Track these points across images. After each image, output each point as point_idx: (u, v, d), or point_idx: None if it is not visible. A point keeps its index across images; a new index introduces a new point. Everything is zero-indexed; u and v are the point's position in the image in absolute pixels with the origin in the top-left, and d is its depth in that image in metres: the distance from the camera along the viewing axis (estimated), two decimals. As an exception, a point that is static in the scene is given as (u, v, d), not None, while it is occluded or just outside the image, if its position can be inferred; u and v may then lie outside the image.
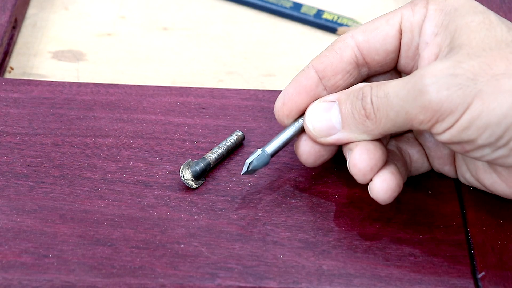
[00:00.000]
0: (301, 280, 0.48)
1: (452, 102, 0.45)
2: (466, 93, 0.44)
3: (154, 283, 0.48)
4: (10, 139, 0.55)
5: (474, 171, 0.50)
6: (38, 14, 0.69)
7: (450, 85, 0.44)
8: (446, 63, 0.45)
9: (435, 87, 0.45)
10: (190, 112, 0.57)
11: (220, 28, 0.68)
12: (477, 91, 0.44)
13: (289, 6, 0.69)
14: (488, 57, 0.45)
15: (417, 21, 0.49)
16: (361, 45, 0.50)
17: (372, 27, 0.50)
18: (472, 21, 0.47)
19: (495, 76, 0.44)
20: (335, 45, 0.51)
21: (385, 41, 0.50)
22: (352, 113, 0.48)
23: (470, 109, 0.44)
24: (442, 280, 0.48)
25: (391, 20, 0.50)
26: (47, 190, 0.52)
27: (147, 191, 0.52)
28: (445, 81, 0.45)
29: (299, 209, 0.52)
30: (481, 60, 0.45)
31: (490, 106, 0.44)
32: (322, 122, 0.50)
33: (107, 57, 0.66)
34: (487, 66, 0.45)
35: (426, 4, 0.50)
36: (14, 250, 0.49)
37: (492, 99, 0.44)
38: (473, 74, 0.44)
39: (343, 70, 0.50)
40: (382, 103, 0.47)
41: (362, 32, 0.50)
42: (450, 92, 0.44)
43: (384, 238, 0.50)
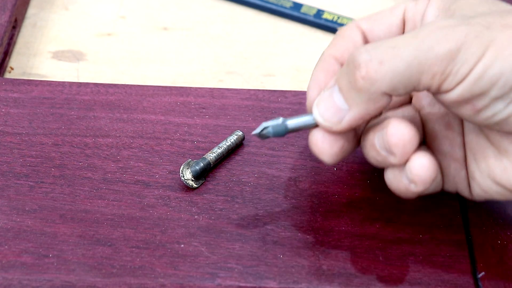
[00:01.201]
0: (301, 280, 0.48)
1: (468, 50, 0.43)
2: (482, 42, 0.44)
3: (154, 283, 0.48)
4: (10, 139, 0.55)
5: (484, 164, 0.47)
6: (38, 14, 0.69)
7: (467, 33, 0.44)
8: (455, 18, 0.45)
9: (452, 36, 0.44)
10: (190, 112, 0.57)
11: (220, 28, 0.68)
12: (491, 38, 0.44)
13: (289, 6, 0.69)
14: (495, 15, 0.45)
15: (419, 10, 0.50)
16: (366, 33, 0.50)
17: (376, 17, 0.51)
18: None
19: (508, 25, 0.44)
20: (344, 33, 0.50)
21: (389, 30, 0.50)
22: (349, 83, 0.45)
23: (484, 57, 0.43)
24: (442, 280, 0.48)
25: (395, 10, 0.50)
26: (47, 190, 0.52)
27: (147, 191, 0.52)
28: (462, 29, 0.44)
29: (299, 209, 0.52)
30: (491, 15, 0.45)
31: (505, 53, 0.43)
32: (328, 108, 0.47)
33: (107, 57, 0.66)
34: (499, 18, 0.44)
35: None
36: (14, 250, 0.49)
37: (505, 46, 0.43)
38: (488, 23, 0.44)
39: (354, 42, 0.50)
40: (388, 55, 0.44)
41: (366, 21, 0.51)
42: (466, 40, 0.43)
43: (384, 238, 0.50)
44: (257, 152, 0.55)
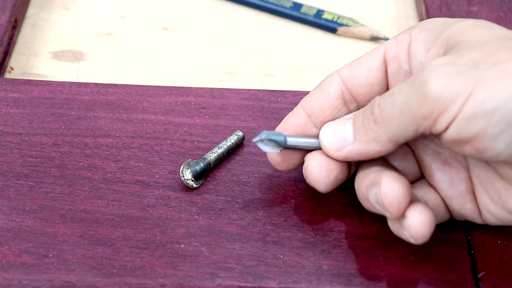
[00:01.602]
0: (301, 280, 0.48)
1: (452, 89, 0.43)
2: (467, 80, 0.43)
3: (154, 283, 0.48)
4: (10, 139, 0.55)
5: (496, 196, 0.47)
6: (38, 14, 0.69)
7: (449, 73, 0.43)
8: (447, 57, 0.44)
9: (434, 76, 0.43)
10: (190, 112, 0.57)
11: (220, 28, 0.68)
12: (478, 76, 0.42)
13: (289, 6, 0.69)
14: (490, 49, 0.44)
15: (401, 48, 0.49)
16: (346, 79, 0.50)
17: (356, 62, 0.50)
18: (466, 25, 0.46)
19: (498, 61, 0.43)
20: (322, 83, 0.51)
21: (368, 74, 0.49)
22: (362, 121, 0.47)
23: (473, 95, 0.42)
24: (442, 280, 0.48)
25: (375, 53, 0.50)
26: (47, 190, 0.52)
27: (147, 191, 0.52)
28: (445, 69, 0.43)
29: (299, 209, 0.52)
30: (483, 51, 0.44)
31: (495, 89, 0.42)
32: (335, 135, 0.49)
33: (107, 57, 0.66)
34: (489, 56, 0.43)
35: (409, 31, 0.49)
36: (14, 250, 0.49)
37: (496, 82, 0.42)
38: (475, 63, 0.43)
39: (331, 105, 0.50)
40: (387, 102, 0.46)
41: (347, 67, 0.50)
42: (449, 80, 0.43)
43: (384, 238, 0.50)
44: (257, 152, 0.55)
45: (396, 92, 0.45)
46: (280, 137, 0.50)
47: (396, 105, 0.45)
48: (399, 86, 0.46)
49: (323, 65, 0.65)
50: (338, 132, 0.49)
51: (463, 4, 0.66)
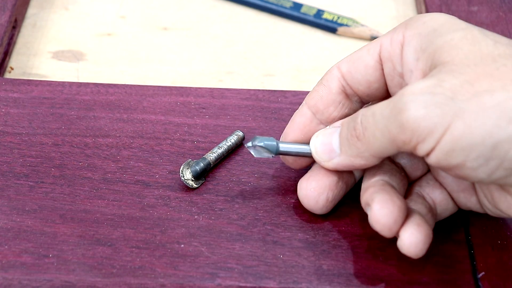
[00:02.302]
0: (301, 280, 0.48)
1: (429, 120, 0.43)
2: (445, 112, 0.42)
3: (154, 283, 0.48)
4: (10, 139, 0.55)
5: (489, 197, 0.48)
6: (38, 14, 0.69)
7: (427, 103, 0.42)
8: (427, 82, 0.44)
9: (412, 105, 0.43)
10: (190, 112, 0.57)
11: (220, 28, 0.68)
12: (456, 109, 0.42)
13: (289, 6, 0.69)
14: (471, 74, 0.43)
15: (394, 50, 0.48)
16: (346, 75, 0.50)
17: (354, 57, 0.50)
18: (452, 39, 0.45)
19: (477, 93, 0.42)
20: (323, 78, 0.51)
21: (366, 72, 0.49)
22: (346, 134, 0.48)
23: (450, 129, 0.42)
24: (442, 280, 0.48)
25: (371, 50, 0.49)
26: (47, 190, 0.52)
27: (147, 191, 0.52)
28: (423, 99, 0.43)
29: (299, 209, 0.52)
30: (464, 78, 0.43)
31: (472, 125, 0.42)
32: (324, 145, 0.49)
33: (107, 57, 0.66)
34: (469, 84, 0.43)
35: (404, 30, 0.48)
36: (14, 250, 0.49)
37: (473, 117, 0.42)
38: (453, 93, 0.43)
39: (334, 101, 0.50)
40: (369, 122, 0.46)
41: (346, 62, 0.50)
42: (427, 111, 0.42)
43: (384, 238, 0.50)
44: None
45: (377, 113, 0.45)
46: (272, 143, 0.50)
47: (377, 126, 0.45)
48: (380, 107, 0.45)
49: (323, 65, 0.65)
50: (326, 143, 0.49)
51: (463, 4, 0.66)
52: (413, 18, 0.49)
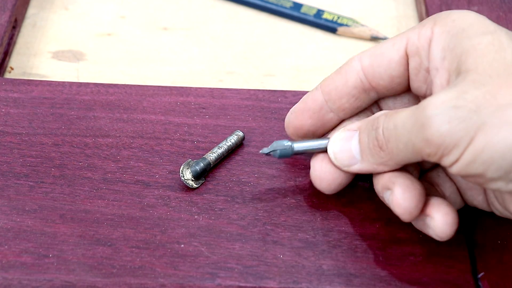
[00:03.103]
0: (301, 280, 0.48)
1: (454, 135, 0.43)
2: (469, 126, 0.43)
3: (154, 283, 0.48)
4: (10, 139, 0.55)
5: (500, 199, 0.48)
6: (38, 14, 0.69)
7: (452, 118, 0.43)
8: (449, 94, 0.44)
9: (436, 120, 0.43)
10: (190, 112, 0.57)
11: (220, 28, 0.68)
12: (480, 123, 0.43)
13: (289, 6, 0.69)
14: (494, 85, 0.43)
15: (422, 45, 0.48)
16: (366, 69, 0.49)
17: (378, 51, 0.49)
18: (480, 43, 0.45)
19: (500, 106, 0.43)
20: (343, 67, 0.50)
21: (389, 66, 0.49)
22: (368, 143, 0.48)
23: (473, 142, 0.43)
24: (442, 280, 0.48)
25: (397, 44, 0.49)
26: (47, 190, 0.52)
27: (147, 191, 0.52)
28: (447, 114, 0.43)
29: (299, 209, 0.52)
30: (486, 89, 0.43)
31: (494, 139, 0.42)
32: (343, 152, 0.49)
33: (107, 57, 0.66)
34: (492, 96, 0.43)
35: (432, 26, 0.48)
36: (14, 250, 0.49)
37: (495, 132, 0.42)
38: (476, 106, 0.43)
39: (348, 94, 0.50)
40: (391, 135, 0.46)
41: (368, 56, 0.49)
42: (452, 126, 0.43)
43: (384, 238, 0.50)
44: (257, 152, 0.55)
45: (399, 126, 0.45)
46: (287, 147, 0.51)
47: (400, 139, 0.46)
48: (402, 119, 0.45)
49: (323, 65, 0.65)
50: (345, 150, 0.49)
51: (463, 4, 0.66)
52: (442, 14, 0.48)
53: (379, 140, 0.47)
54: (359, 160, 0.49)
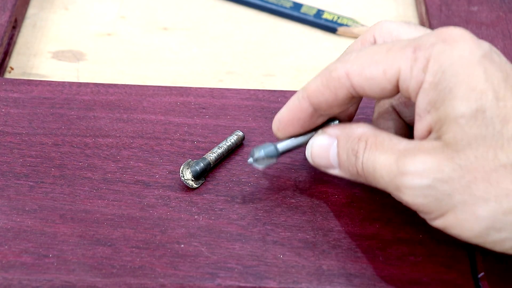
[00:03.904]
0: (301, 280, 0.48)
1: (427, 207, 0.46)
2: (442, 205, 0.45)
3: (154, 283, 0.48)
4: (10, 139, 0.55)
5: None
6: (38, 14, 0.69)
7: (426, 195, 0.45)
8: (429, 163, 0.45)
9: (411, 193, 0.45)
10: (190, 112, 0.57)
11: (220, 28, 0.68)
12: (451, 205, 0.45)
13: (289, 6, 0.69)
14: (471, 174, 0.44)
15: (413, 89, 0.47)
16: (357, 88, 0.48)
17: (368, 73, 0.47)
18: (462, 116, 0.44)
19: (473, 196, 0.44)
20: (330, 82, 0.49)
21: (382, 92, 0.48)
22: (347, 165, 0.49)
23: (444, 217, 0.45)
24: (442, 280, 0.48)
25: (388, 73, 0.47)
26: (47, 190, 0.52)
27: (147, 191, 0.52)
28: (422, 191, 0.45)
29: (299, 209, 0.52)
30: (463, 173, 0.44)
31: (463, 225, 0.45)
32: (321, 158, 0.50)
33: (107, 57, 0.66)
34: (466, 185, 0.44)
35: (424, 67, 0.46)
36: (14, 250, 0.49)
37: (465, 219, 0.45)
38: (451, 189, 0.44)
39: (339, 105, 0.49)
40: (370, 173, 0.47)
41: (358, 75, 0.48)
42: (426, 201, 0.45)
43: (384, 238, 0.50)
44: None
45: (377, 172, 0.47)
46: (271, 149, 0.51)
47: (378, 183, 0.47)
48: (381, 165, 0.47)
49: (323, 65, 0.65)
50: (324, 157, 0.50)
51: (463, 4, 0.66)
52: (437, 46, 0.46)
53: (358, 169, 0.48)
54: (337, 168, 0.50)
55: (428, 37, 0.46)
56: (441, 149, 0.45)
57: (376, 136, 0.48)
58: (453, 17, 0.65)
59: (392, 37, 0.51)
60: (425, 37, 0.47)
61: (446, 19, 0.65)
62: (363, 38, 0.52)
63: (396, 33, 0.51)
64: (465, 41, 0.46)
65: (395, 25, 0.51)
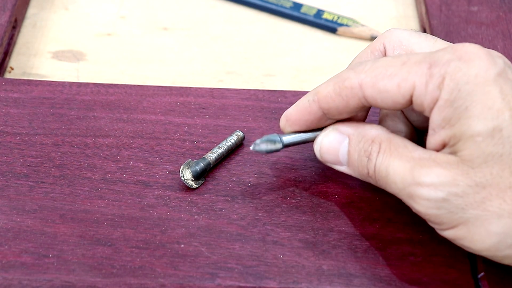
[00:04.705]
0: (301, 280, 0.48)
1: (439, 219, 0.46)
2: (454, 218, 0.45)
3: (154, 283, 0.48)
4: (10, 139, 0.55)
5: None
6: (38, 14, 0.69)
7: (440, 207, 0.45)
8: (444, 177, 0.45)
9: (425, 204, 0.46)
10: (190, 112, 0.57)
11: (220, 28, 0.68)
12: (464, 219, 0.45)
13: (289, 6, 0.69)
14: (486, 190, 0.45)
15: (428, 104, 0.46)
16: (369, 99, 0.48)
17: (382, 86, 0.47)
18: (479, 135, 0.45)
19: (486, 212, 0.45)
20: (342, 91, 0.48)
21: (394, 106, 0.48)
22: (357, 164, 0.49)
23: (455, 229, 0.46)
24: (442, 280, 0.48)
25: (402, 87, 0.47)
26: (47, 190, 0.52)
27: (147, 191, 0.52)
28: (436, 202, 0.45)
29: (299, 209, 0.52)
30: (477, 189, 0.45)
31: (474, 238, 0.45)
32: (330, 154, 0.50)
33: (107, 57, 0.66)
34: (481, 201, 0.45)
35: (440, 84, 0.46)
36: (14, 250, 0.49)
37: (477, 233, 0.45)
38: (465, 204, 0.45)
39: (350, 113, 0.50)
40: (382, 177, 0.48)
41: (371, 86, 0.47)
42: (439, 213, 0.46)
43: (384, 238, 0.50)
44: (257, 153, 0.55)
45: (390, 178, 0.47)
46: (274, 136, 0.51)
47: (389, 186, 0.48)
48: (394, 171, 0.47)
49: (323, 65, 0.65)
50: (333, 154, 0.50)
51: (463, 4, 0.66)
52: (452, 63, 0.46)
53: (369, 171, 0.48)
54: (345, 165, 0.50)
55: (444, 54, 0.46)
56: (457, 164, 0.45)
57: (390, 140, 0.48)
58: (453, 17, 0.65)
59: (403, 47, 0.51)
60: (441, 53, 0.46)
61: (446, 19, 0.65)
62: (373, 47, 0.52)
63: (407, 42, 0.51)
64: (481, 59, 0.46)
65: (406, 34, 0.51)
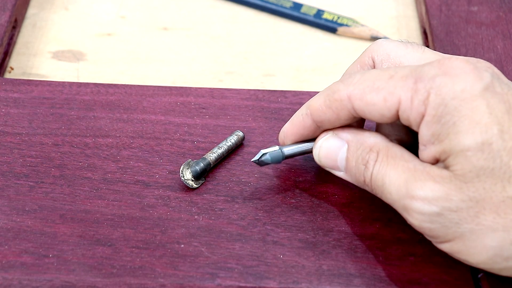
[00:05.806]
0: (301, 280, 0.48)
1: (433, 232, 0.46)
2: (449, 232, 0.45)
3: (154, 283, 0.48)
4: (10, 139, 0.55)
5: None
6: (38, 14, 0.69)
7: (433, 221, 0.45)
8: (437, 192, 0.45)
9: (419, 217, 0.46)
10: (190, 112, 0.57)
11: (220, 28, 0.68)
12: (459, 234, 0.45)
13: (289, 6, 0.69)
14: (479, 204, 0.44)
15: (414, 118, 0.46)
16: (357, 111, 0.48)
17: (369, 99, 0.47)
18: (469, 149, 0.45)
19: (481, 226, 0.45)
20: (332, 103, 0.49)
21: (381, 118, 0.48)
22: (355, 171, 0.49)
23: (451, 243, 0.46)
24: (442, 280, 0.48)
25: (389, 101, 0.47)
26: (47, 190, 0.52)
27: (147, 191, 0.52)
28: (430, 217, 0.45)
29: (299, 209, 0.52)
30: (470, 206, 0.45)
31: (470, 252, 0.45)
32: (328, 159, 0.50)
33: (107, 57, 0.66)
34: (475, 215, 0.45)
35: (425, 100, 0.46)
36: (14, 250, 0.49)
37: (472, 247, 0.45)
38: (459, 218, 0.45)
39: (341, 124, 0.50)
40: (378, 187, 0.48)
41: (359, 99, 0.48)
42: (433, 227, 0.46)
43: (384, 238, 0.50)
44: (257, 152, 0.55)
45: (386, 188, 0.47)
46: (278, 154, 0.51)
47: (386, 198, 0.48)
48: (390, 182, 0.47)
49: (323, 65, 0.65)
50: (331, 159, 0.50)
51: (463, 4, 0.66)
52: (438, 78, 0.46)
53: (366, 180, 0.48)
54: (343, 171, 0.50)
55: (430, 69, 0.46)
56: (449, 178, 0.45)
57: (388, 148, 0.48)
58: (453, 17, 0.65)
59: (390, 60, 0.51)
60: (427, 67, 0.46)
61: (446, 19, 0.65)
62: (361, 61, 0.52)
63: (394, 54, 0.51)
64: (466, 74, 0.45)
65: (393, 46, 0.51)
